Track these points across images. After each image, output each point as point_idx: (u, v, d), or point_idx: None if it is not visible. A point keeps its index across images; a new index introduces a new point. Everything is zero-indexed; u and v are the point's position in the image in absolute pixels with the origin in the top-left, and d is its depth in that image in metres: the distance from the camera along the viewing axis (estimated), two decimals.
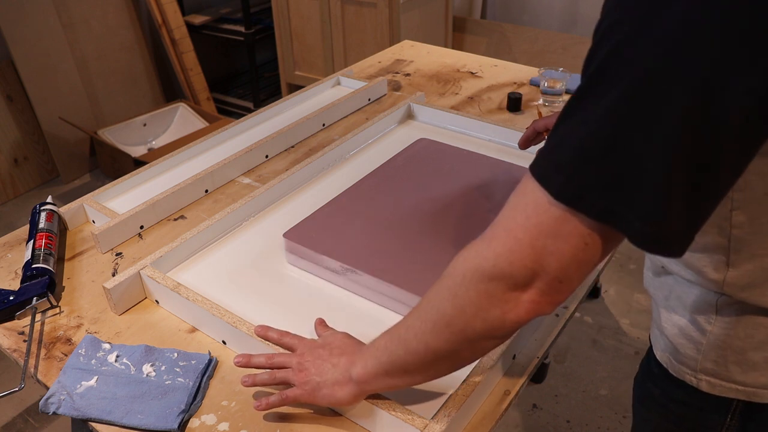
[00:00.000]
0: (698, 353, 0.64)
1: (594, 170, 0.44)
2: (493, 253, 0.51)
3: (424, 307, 0.59)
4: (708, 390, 0.64)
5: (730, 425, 0.66)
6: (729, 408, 0.65)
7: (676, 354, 0.66)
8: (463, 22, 3.08)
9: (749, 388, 0.62)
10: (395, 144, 1.28)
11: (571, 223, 0.46)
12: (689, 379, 0.65)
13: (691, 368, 0.65)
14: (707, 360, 0.63)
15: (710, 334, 0.62)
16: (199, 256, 0.99)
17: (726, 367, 0.62)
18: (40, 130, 2.69)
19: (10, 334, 0.87)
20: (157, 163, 1.21)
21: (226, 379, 0.78)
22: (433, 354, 0.58)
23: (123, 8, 2.88)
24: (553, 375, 1.78)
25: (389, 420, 0.68)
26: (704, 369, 0.64)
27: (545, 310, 0.51)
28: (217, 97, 3.28)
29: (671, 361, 0.67)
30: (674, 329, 0.66)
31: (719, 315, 0.62)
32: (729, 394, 0.63)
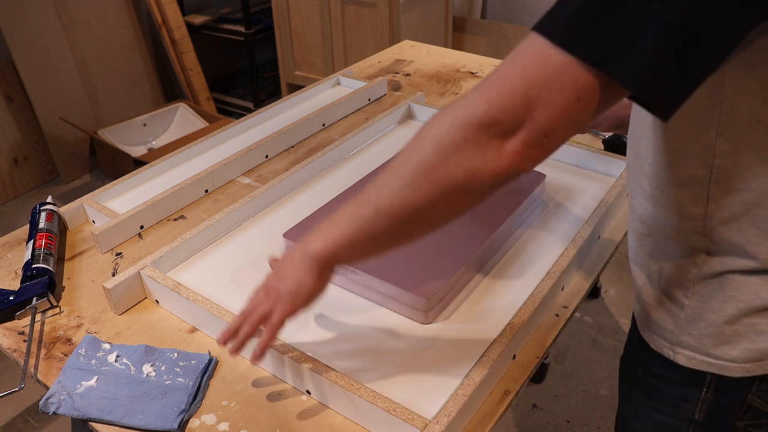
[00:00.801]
0: (676, 326, 0.65)
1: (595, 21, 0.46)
2: (486, 99, 0.51)
3: (400, 163, 0.58)
4: (684, 363, 0.66)
5: (705, 399, 0.67)
6: (704, 381, 0.66)
7: (656, 328, 0.68)
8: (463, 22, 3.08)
9: (721, 361, 0.64)
10: (395, 144, 1.28)
11: (568, 74, 0.47)
12: (667, 353, 0.67)
13: (669, 341, 0.67)
14: (684, 333, 0.65)
15: (687, 307, 0.64)
16: (199, 256, 0.99)
17: (701, 340, 0.64)
18: (40, 130, 2.69)
19: (10, 334, 0.87)
20: (157, 163, 1.21)
21: (226, 379, 0.78)
22: (407, 211, 0.58)
23: (123, 8, 2.88)
24: (553, 375, 1.78)
25: (389, 420, 0.68)
26: (681, 342, 0.66)
27: (525, 165, 0.52)
28: (217, 97, 3.28)
29: (652, 336, 0.69)
30: (655, 304, 0.68)
31: (696, 288, 0.63)
32: (703, 368, 0.65)
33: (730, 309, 0.61)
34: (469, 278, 0.91)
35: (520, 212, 1.00)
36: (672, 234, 0.63)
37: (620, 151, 1.19)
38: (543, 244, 0.98)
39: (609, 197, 1.02)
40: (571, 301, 0.89)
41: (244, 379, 0.78)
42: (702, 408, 0.68)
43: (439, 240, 0.92)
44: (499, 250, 0.96)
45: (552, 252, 0.96)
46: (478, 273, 0.92)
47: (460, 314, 0.86)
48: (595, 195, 1.09)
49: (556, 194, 1.10)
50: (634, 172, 0.67)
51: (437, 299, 0.83)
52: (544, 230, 1.01)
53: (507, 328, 0.78)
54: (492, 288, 0.90)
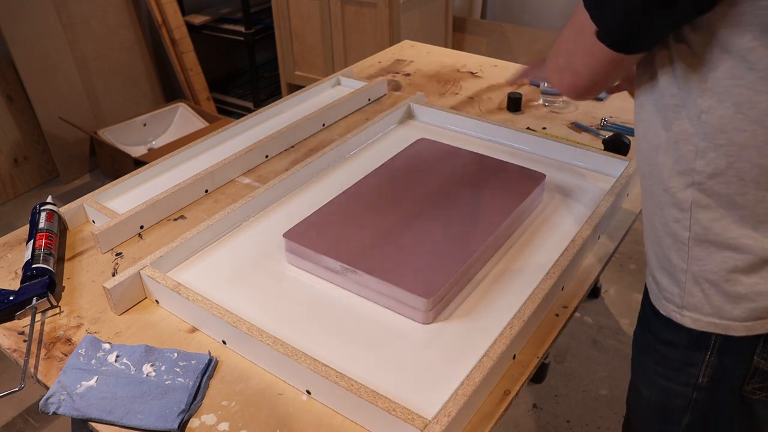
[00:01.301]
0: (681, 290, 0.69)
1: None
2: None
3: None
4: (691, 325, 0.69)
5: (709, 362, 0.70)
6: (708, 344, 0.69)
7: (664, 293, 0.72)
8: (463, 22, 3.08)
9: (724, 321, 0.67)
10: (395, 144, 1.28)
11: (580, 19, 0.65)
12: (674, 316, 0.71)
13: (676, 305, 0.71)
14: (689, 296, 0.69)
15: (688, 271, 0.68)
16: (199, 256, 0.99)
17: (705, 301, 0.68)
18: (40, 130, 2.69)
19: (10, 334, 0.87)
20: (157, 163, 1.21)
21: (226, 379, 0.78)
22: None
23: (123, 8, 2.88)
24: (553, 375, 1.78)
25: (389, 420, 0.68)
26: (686, 305, 0.69)
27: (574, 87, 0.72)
28: (217, 97, 3.28)
29: (660, 302, 0.73)
30: (661, 270, 0.72)
31: (692, 252, 0.67)
32: (708, 329, 0.68)
33: (727, 267, 0.65)
34: (469, 278, 0.91)
35: (520, 212, 1.00)
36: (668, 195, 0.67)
37: (620, 151, 1.19)
38: (543, 244, 0.98)
39: (609, 197, 1.02)
40: (571, 301, 0.89)
41: (244, 379, 0.78)
42: (705, 372, 0.71)
43: (439, 240, 0.92)
44: (499, 250, 0.97)
45: (552, 252, 0.96)
46: (478, 273, 0.92)
47: (460, 314, 0.86)
48: (595, 195, 1.09)
49: (556, 194, 1.10)
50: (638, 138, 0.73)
51: (437, 299, 0.83)
52: (544, 230, 1.01)
53: (507, 328, 0.78)
54: (492, 288, 0.90)
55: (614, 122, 1.34)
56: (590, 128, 1.33)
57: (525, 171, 1.08)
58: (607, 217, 1.01)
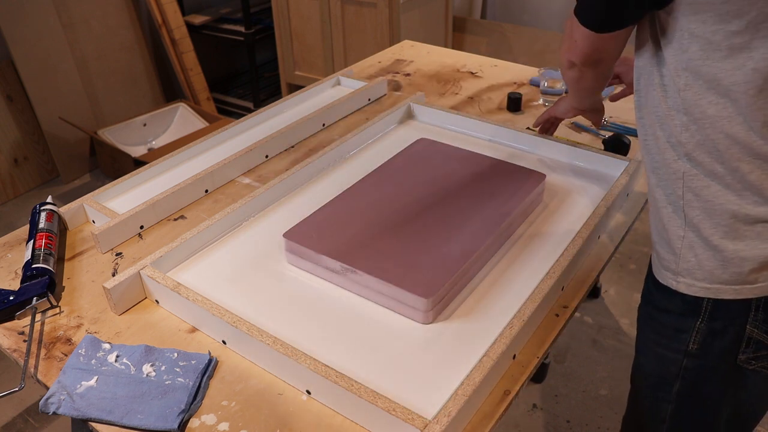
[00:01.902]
0: (677, 257, 0.74)
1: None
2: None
3: None
4: (685, 291, 0.74)
5: (699, 328, 0.75)
6: (700, 310, 0.74)
7: (663, 261, 0.77)
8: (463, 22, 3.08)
9: (714, 285, 0.72)
10: (395, 144, 1.28)
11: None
12: (671, 283, 0.76)
13: (672, 272, 0.75)
14: (684, 261, 0.74)
15: (684, 238, 0.73)
16: (199, 256, 0.99)
17: (698, 266, 0.72)
18: (40, 130, 2.69)
19: (10, 334, 0.87)
20: (157, 163, 1.21)
21: (226, 379, 0.78)
22: None
23: (123, 8, 2.88)
24: (553, 375, 1.78)
25: (389, 420, 0.68)
26: (681, 271, 0.74)
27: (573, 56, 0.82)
28: (217, 97, 3.28)
29: (659, 270, 0.78)
30: (661, 240, 0.77)
31: (687, 218, 0.72)
32: (700, 293, 0.73)
33: (716, 233, 0.70)
34: (469, 278, 0.91)
35: (520, 212, 1.00)
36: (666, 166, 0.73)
37: (620, 151, 1.19)
38: (543, 244, 0.98)
39: (609, 197, 1.02)
40: (571, 301, 0.89)
41: (244, 379, 0.78)
42: (696, 339, 0.75)
43: (439, 240, 0.92)
44: (499, 250, 0.97)
45: (552, 252, 0.96)
46: (478, 273, 0.92)
47: (460, 314, 0.86)
48: (595, 195, 1.09)
49: (556, 194, 1.10)
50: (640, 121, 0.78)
51: (437, 299, 0.83)
52: (544, 230, 1.01)
53: (507, 328, 0.78)
54: (492, 288, 0.90)
55: (614, 122, 1.34)
56: (590, 128, 1.33)
57: (525, 171, 1.08)
58: (607, 217, 1.01)
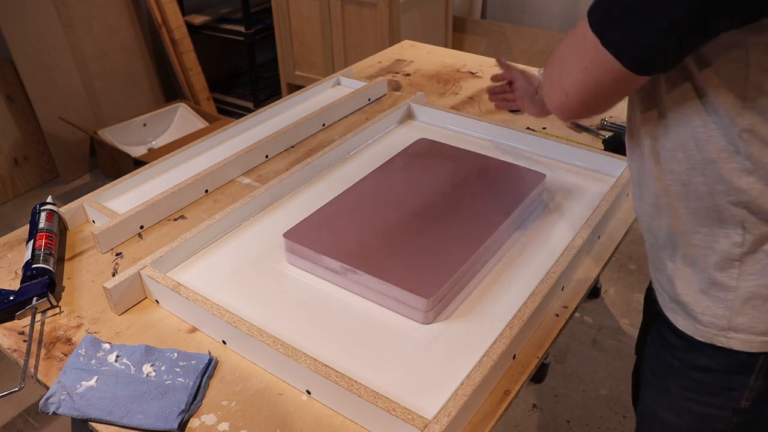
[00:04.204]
0: (728, 310, 0.65)
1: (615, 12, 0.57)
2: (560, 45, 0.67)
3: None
4: (738, 347, 0.66)
5: (754, 386, 0.67)
6: (754, 367, 0.66)
7: (702, 317, 0.67)
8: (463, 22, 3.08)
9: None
10: (395, 144, 1.28)
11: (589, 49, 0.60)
12: (719, 341, 0.66)
13: (720, 328, 0.66)
14: (738, 315, 0.64)
15: (738, 289, 0.64)
16: (199, 256, 0.99)
17: (758, 318, 0.64)
18: (40, 130, 2.69)
19: (10, 334, 0.87)
20: (157, 163, 1.21)
21: (226, 379, 0.78)
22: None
23: (123, 8, 2.88)
24: (553, 375, 1.78)
25: (389, 420, 0.68)
26: (735, 326, 0.65)
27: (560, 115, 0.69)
28: (217, 97, 3.28)
29: (696, 327, 0.68)
30: (696, 295, 0.67)
31: (743, 267, 0.63)
32: (761, 349, 0.65)
33: None
34: (469, 278, 0.91)
35: (520, 212, 1.00)
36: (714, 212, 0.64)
37: (620, 151, 1.19)
38: (543, 244, 0.98)
39: (609, 197, 1.02)
40: (571, 301, 0.89)
41: (244, 379, 0.78)
42: (749, 396, 0.68)
43: (439, 240, 0.92)
44: (499, 250, 0.96)
45: (552, 252, 0.96)
46: (478, 273, 0.92)
47: (460, 314, 0.86)
48: (595, 195, 1.09)
49: (556, 194, 1.10)
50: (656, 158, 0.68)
51: (437, 299, 0.83)
52: (544, 230, 1.01)
53: (507, 328, 0.78)
54: (492, 288, 0.90)
55: (614, 122, 1.34)
56: (590, 128, 1.33)
57: (525, 171, 1.08)
58: (607, 217, 1.01)
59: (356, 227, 0.95)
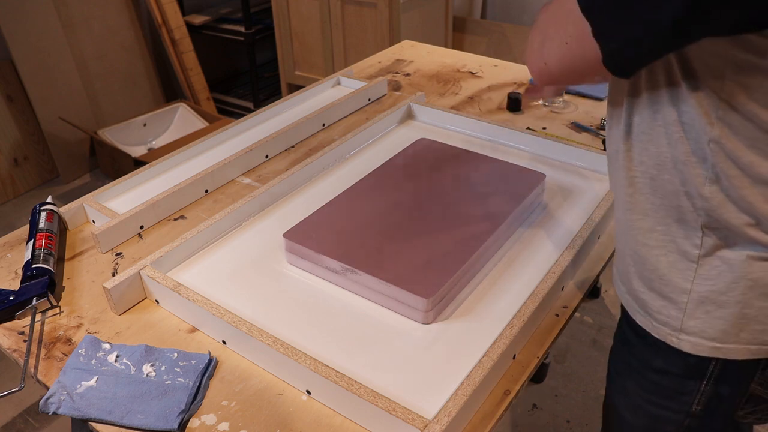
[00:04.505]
0: (681, 312, 0.65)
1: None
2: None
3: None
4: (688, 350, 0.66)
5: (705, 391, 0.68)
6: (706, 372, 0.67)
7: (657, 315, 0.68)
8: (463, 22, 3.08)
9: (727, 345, 0.64)
10: (395, 144, 1.28)
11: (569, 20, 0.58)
12: (671, 340, 0.67)
13: (673, 329, 0.66)
14: (690, 318, 0.65)
15: (691, 292, 0.64)
16: (199, 256, 0.99)
17: (709, 324, 0.64)
18: (40, 130, 2.69)
19: (10, 334, 0.87)
20: (157, 163, 1.21)
21: (226, 379, 0.78)
22: None
23: (123, 8, 2.88)
24: (553, 375, 1.78)
25: (389, 420, 0.68)
26: (686, 328, 0.65)
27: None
28: (217, 97, 3.28)
29: (652, 324, 0.68)
30: (652, 291, 0.67)
31: (699, 270, 0.63)
32: (709, 353, 0.65)
33: (739, 289, 0.61)
34: (469, 278, 0.91)
35: (520, 212, 1.00)
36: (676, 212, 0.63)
37: None
38: (543, 244, 0.98)
39: (609, 197, 1.02)
40: (571, 301, 0.89)
41: (244, 379, 0.78)
42: (700, 400, 0.69)
43: (439, 240, 0.92)
44: (499, 250, 0.97)
45: (552, 252, 0.96)
46: (478, 273, 0.92)
47: (460, 314, 0.86)
48: (595, 195, 1.09)
49: (556, 194, 1.10)
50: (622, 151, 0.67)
51: (437, 299, 0.83)
52: (544, 230, 1.01)
53: (507, 328, 0.78)
54: (492, 288, 0.90)
55: None
56: (590, 128, 1.33)
57: (525, 171, 1.08)
58: (607, 217, 1.01)
59: (356, 227, 0.95)
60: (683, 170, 0.60)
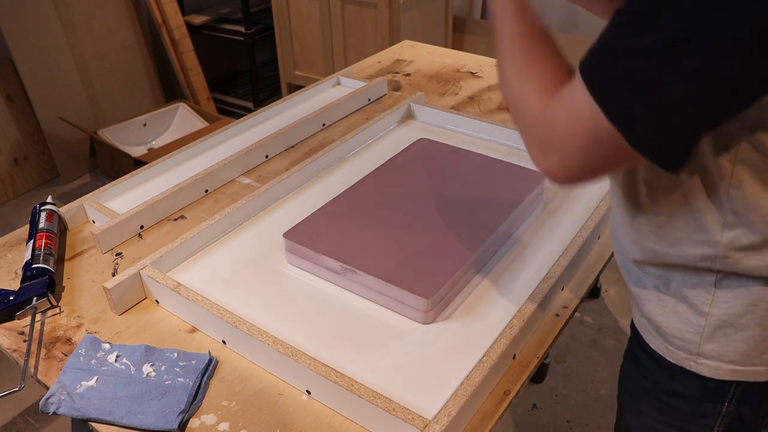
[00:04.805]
0: (698, 336, 0.63)
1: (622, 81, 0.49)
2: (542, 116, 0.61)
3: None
4: (707, 374, 0.64)
5: (726, 413, 0.66)
6: (726, 395, 0.65)
7: (673, 339, 0.65)
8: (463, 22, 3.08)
9: (750, 367, 0.62)
10: (395, 144, 1.28)
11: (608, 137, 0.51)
12: (688, 365, 0.65)
13: (690, 353, 0.64)
14: (709, 342, 0.62)
15: (709, 315, 0.62)
16: (199, 256, 0.99)
17: (727, 346, 0.62)
18: (40, 130, 2.69)
19: (10, 334, 0.87)
20: (157, 163, 1.21)
21: (226, 379, 0.78)
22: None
23: (123, 8, 2.88)
24: (553, 375, 1.78)
25: (389, 420, 0.68)
26: (704, 352, 0.63)
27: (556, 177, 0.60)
28: (217, 97, 3.28)
29: (667, 348, 0.66)
30: (667, 316, 0.65)
31: (718, 293, 0.61)
32: (730, 377, 0.63)
33: (760, 311, 0.60)
34: (469, 278, 0.91)
35: (520, 212, 1.00)
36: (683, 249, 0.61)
37: None
38: (543, 244, 0.98)
39: (609, 197, 1.02)
40: (571, 301, 0.89)
41: (244, 379, 0.78)
42: (722, 422, 0.66)
43: (439, 240, 0.92)
44: (499, 250, 0.97)
45: (552, 252, 0.96)
46: (478, 273, 0.92)
47: (460, 314, 0.86)
48: (595, 195, 1.09)
49: (556, 194, 1.10)
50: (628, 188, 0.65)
51: (437, 299, 0.83)
52: (544, 230, 1.01)
53: (507, 328, 0.78)
54: (492, 288, 0.90)
55: None
56: None
57: (525, 171, 1.08)
58: (607, 217, 1.01)
59: (356, 227, 0.95)
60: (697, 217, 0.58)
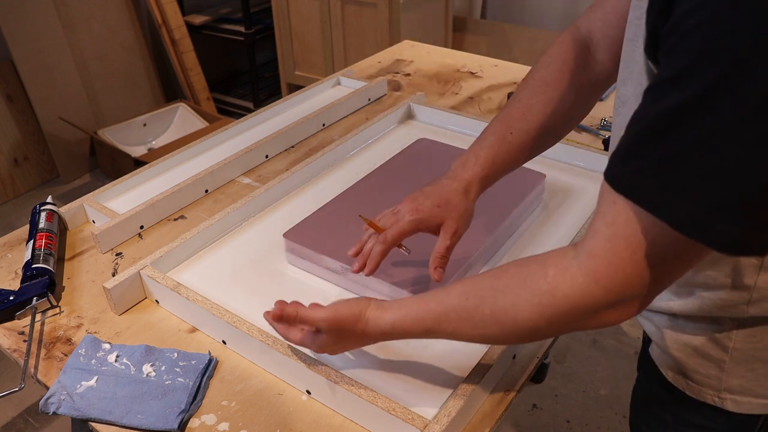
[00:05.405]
0: (721, 371, 0.61)
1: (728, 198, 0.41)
2: (604, 290, 0.50)
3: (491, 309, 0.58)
4: (734, 409, 0.62)
5: None
6: (753, 427, 0.63)
7: (694, 374, 0.63)
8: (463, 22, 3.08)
9: None
10: (395, 144, 1.27)
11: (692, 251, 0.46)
12: (712, 400, 0.63)
13: (713, 388, 0.62)
14: (733, 377, 0.61)
15: (732, 350, 0.60)
16: (199, 256, 0.99)
17: (756, 381, 0.60)
18: (40, 130, 2.69)
19: (10, 334, 0.87)
20: (157, 163, 1.21)
21: (226, 379, 0.78)
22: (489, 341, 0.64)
23: (123, 8, 2.88)
24: (553, 375, 1.78)
25: (389, 420, 0.68)
26: (729, 387, 0.61)
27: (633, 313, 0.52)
28: (217, 97, 3.28)
29: (688, 384, 0.64)
30: (687, 350, 0.63)
31: (741, 328, 0.59)
32: (758, 411, 0.61)
33: None
34: None
35: (520, 212, 1.00)
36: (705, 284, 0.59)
37: None
38: (543, 244, 0.98)
39: None
40: None
41: (244, 379, 0.78)
42: None
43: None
44: (499, 250, 0.96)
45: None
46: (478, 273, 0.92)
47: None
48: (595, 195, 1.09)
49: (556, 194, 1.10)
50: None
51: None
52: (544, 230, 1.01)
53: None
54: None
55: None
56: (590, 128, 1.33)
57: (525, 171, 1.08)
58: None
59: (356, 227, 0.95)
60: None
